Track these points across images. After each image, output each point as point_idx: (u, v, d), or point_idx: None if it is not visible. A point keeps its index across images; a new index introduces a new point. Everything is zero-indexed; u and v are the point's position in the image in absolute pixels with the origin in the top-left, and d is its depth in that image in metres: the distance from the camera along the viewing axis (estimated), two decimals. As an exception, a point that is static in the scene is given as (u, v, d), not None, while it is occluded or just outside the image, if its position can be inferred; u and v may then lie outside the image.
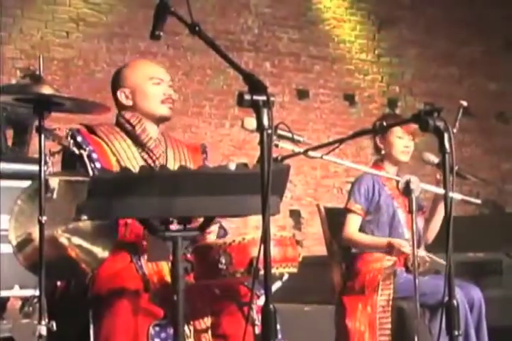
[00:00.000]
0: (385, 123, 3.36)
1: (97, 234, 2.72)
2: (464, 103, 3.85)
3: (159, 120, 3.14)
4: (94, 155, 2.95)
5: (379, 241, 4.00)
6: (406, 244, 3.88)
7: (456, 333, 2.49)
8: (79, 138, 2.96)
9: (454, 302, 2.49)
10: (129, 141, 3.07)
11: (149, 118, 3.12)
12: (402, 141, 4.11)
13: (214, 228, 3.08)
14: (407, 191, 3.57)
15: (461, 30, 8.33)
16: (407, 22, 8.20)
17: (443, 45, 8.26)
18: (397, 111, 7.94)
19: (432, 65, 8.25)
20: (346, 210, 4.08)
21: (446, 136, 2.53)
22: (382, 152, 4.15)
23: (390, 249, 3.94)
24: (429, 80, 8.24)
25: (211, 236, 3.09)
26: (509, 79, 8.58)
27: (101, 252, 2.74)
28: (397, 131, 4.08)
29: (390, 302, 3.88)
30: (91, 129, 3.06)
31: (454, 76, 8.36)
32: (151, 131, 3.11)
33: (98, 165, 2.94)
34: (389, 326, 3.86)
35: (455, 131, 3.73)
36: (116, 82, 3.16)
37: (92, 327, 2.75)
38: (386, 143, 4.13)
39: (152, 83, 3.12)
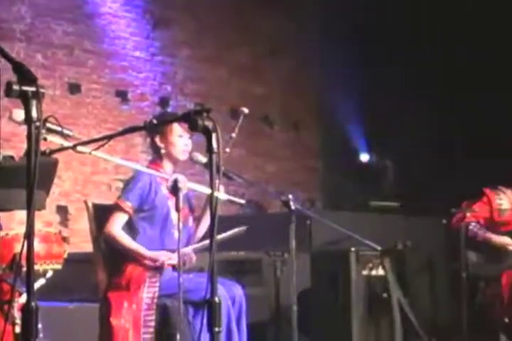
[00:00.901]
0: (155, 121, 3.39)
1: None
2: (246, 110, 3.96)
3: None
4: None
5: (139, 250, 3.97)
6: (172, 256, 3.89)
7: (217, 329, 2.55)
8: None
9: (216, 299, 2.55)
10: None
11: None
12: (183, 140, 4.12)
13: None
14: (174, 189, 3.63)
15: (230, 34, 8.53)
16: (180, 23, 8.28)
17: (213, 48, 8.42)
18: (169, 110, 7.99)
19: (202, 67, 8.38)
20: (115, 205, 4.04)
21: (214, 136, 2.58)
22: (162, 151, 4.13)
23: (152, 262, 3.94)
24: (200, 81, 8.37)
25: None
26: (273, 84, 8.90)
27: None
28: (177, 130, 4.09)
29: (155, 300, 3.90)
30: None
31: (222, 78, 8.54)
32: None
33: None
34: (153, 323, 3.89)
35: (234, 135, 3.85)
36: None
37: None
38: (166, 142, 4.12)
39: None
